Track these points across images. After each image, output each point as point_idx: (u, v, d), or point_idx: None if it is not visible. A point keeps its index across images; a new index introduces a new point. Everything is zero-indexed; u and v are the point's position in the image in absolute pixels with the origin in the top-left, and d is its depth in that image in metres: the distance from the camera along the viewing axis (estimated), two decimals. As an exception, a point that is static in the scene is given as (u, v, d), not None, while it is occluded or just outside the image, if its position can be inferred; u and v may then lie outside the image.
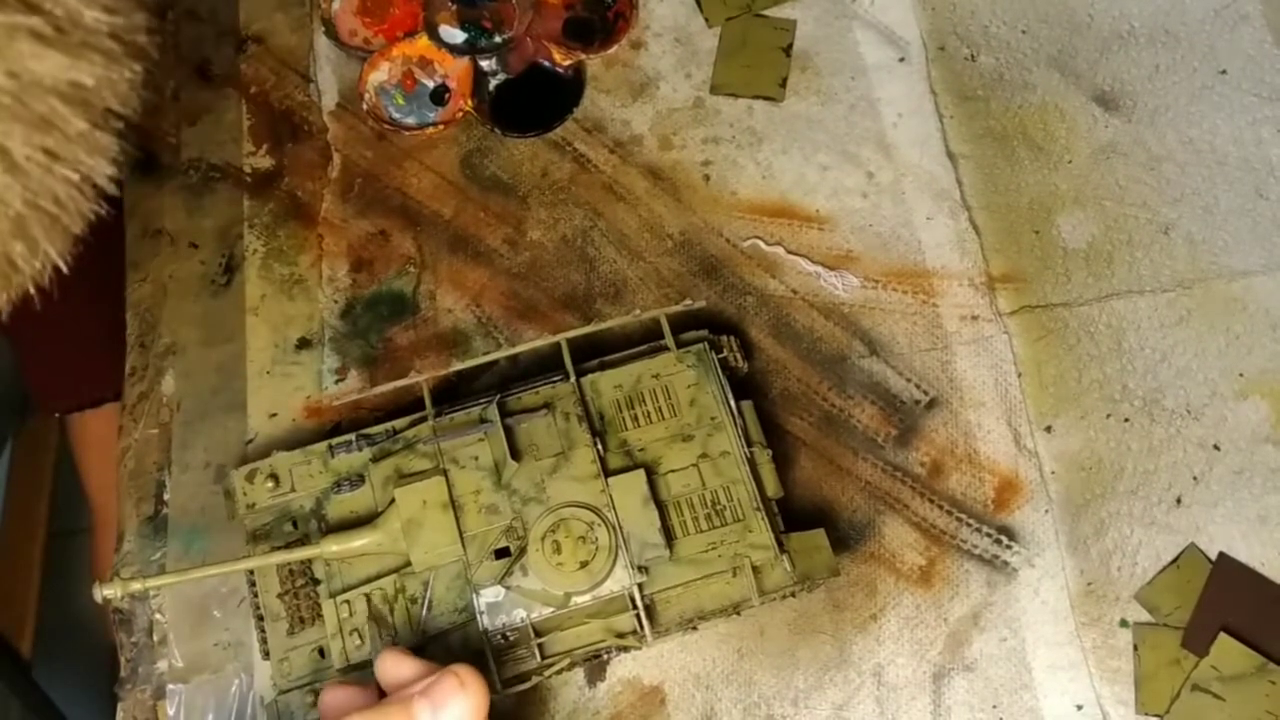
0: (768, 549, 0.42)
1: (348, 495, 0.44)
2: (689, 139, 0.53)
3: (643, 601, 0.42)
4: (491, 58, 0.55)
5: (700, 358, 0.46)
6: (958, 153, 0.53)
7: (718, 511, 0.43)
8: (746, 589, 0.42)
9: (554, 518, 0.42)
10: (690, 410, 0.45)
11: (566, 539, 0.42)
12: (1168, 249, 0.51)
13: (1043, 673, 0.45)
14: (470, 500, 0.43)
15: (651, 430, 0.44)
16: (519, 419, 0.44)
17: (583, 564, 0.41)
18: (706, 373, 0.45)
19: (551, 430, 0.44)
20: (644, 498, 0.42)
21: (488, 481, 0.43)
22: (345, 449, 0.45)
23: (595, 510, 0.42)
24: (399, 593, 0.42)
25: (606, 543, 0.42)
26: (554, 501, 0.42)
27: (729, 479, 0.43)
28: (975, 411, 0.48)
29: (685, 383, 0.45)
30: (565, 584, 0.41)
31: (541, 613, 0.42)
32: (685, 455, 0.44)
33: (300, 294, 0.52)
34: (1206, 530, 0.46)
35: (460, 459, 0.43)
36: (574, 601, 0.41)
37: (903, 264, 0.51)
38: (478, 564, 0.42)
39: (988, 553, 0.46)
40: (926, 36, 0.55)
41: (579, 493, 0.42)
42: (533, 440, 0.44)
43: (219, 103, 0.56)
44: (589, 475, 0.43)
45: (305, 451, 0.45)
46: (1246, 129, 0.52)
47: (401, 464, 0.44)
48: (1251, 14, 0.54)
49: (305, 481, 0.45)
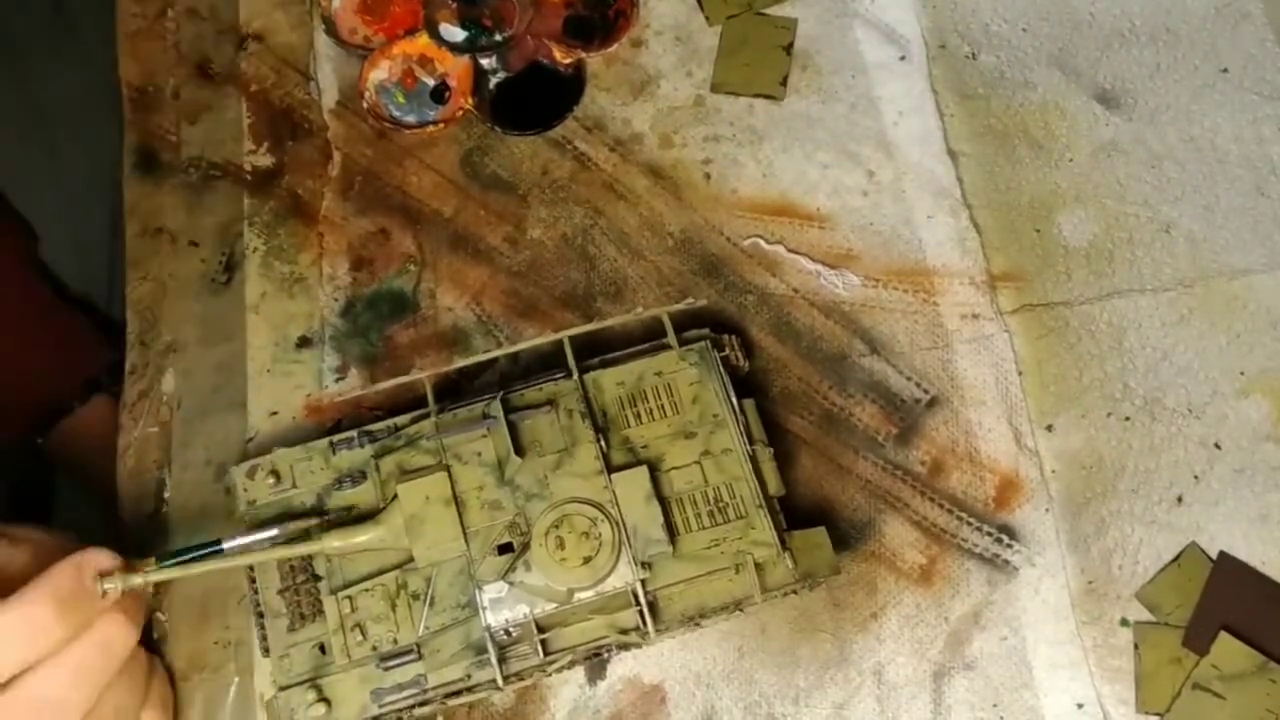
0: (770, 546, 0.42)
1: (350, 491, 0.44)
2: (689, 137, 0.53)
3: (645, 598, 0.42)
4: (492, 56, 0.55)
5: (702, 356, 0.46)
6: (958, 151, 0.52)
7: (720, 508, 0.43)
8: (749, 586, 0.42)
9: (557, 513, 0.42)
10: (693, 408, 0.45)
11: (570, 535, 0.42)
12: (1169, 247, 0.50)
13: (1043, 671, 0.45)
14: (473, 496, 0.43)
15: (654, 427, 0.44)
16: (522, 415, 0.44)
17: (586, 559, 0.41)
18: (709, 371, 0.45)
19: (555, 427, 0.44)
20: (647, 494, 0.42)
21: (491, 477, 0.43)
22: (347, 445, 0.45)
23: (598, 506, 0.42)
24: (401, 588, 0.42)
25: (610, 538, 0.42)
26: (557, 497, 0.42)
27: (731, 476, 0.43)
28: (976, 410, 0.48)
29: (688, 380, 0.45)
30: (568, 580, 0.41)
31: (544, 609, 0.42)
32: (688, 452, 0.44)
33: (301, 292, 0.52)
34: (1207, 529, 0.46)
35: (463, 455, 0.43)
36: (577, 597, 0.41)
37: (903, 262, 0.51)
38: (481, 560, 0.42)
39: (988, 551, 0.46)
40: (927, 35, 0.55)
41: (582, 489, 0.42)
42: (536, 436, 0.44)
43: (219, 101, 0.56)
44: (592, 471, 0.43)
45: (306, 448, 0.45)
46: (1247, 127, 0.52)
47: (404, 460, 0.44)
48: (1253, 12, 0.54)
49: (306, 478, 0.45)
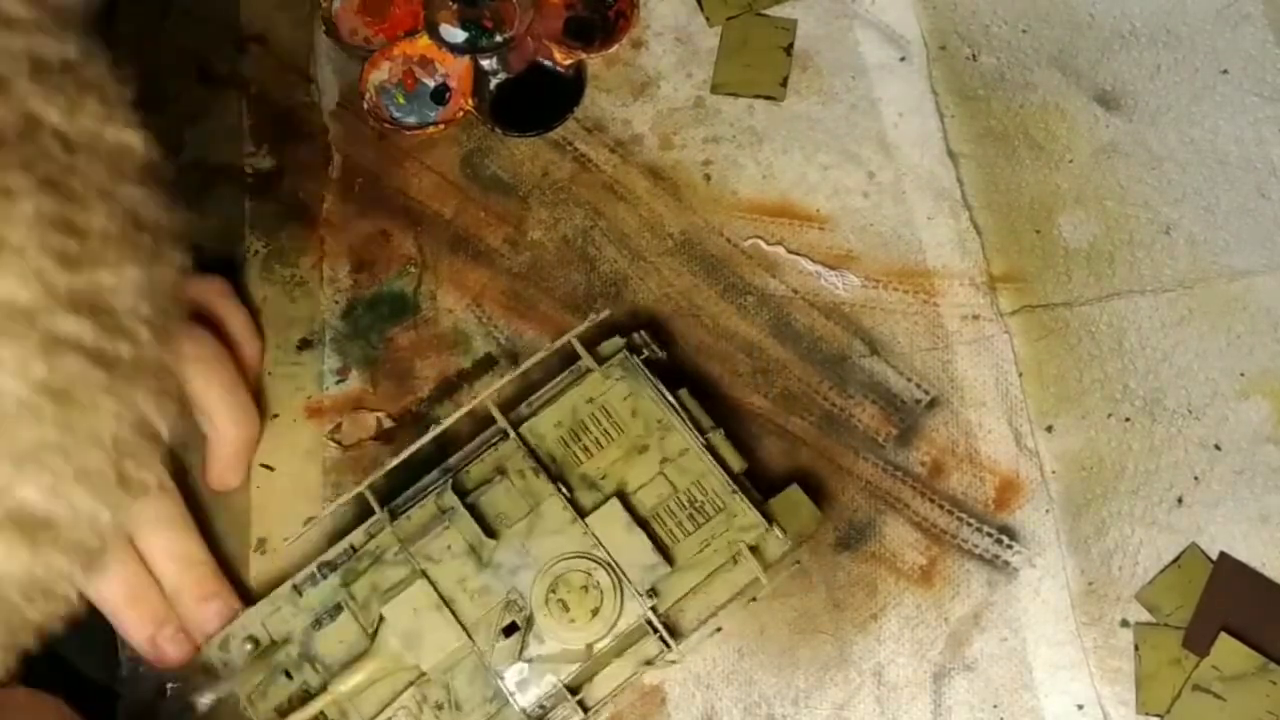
0: (756, 525, 0.42)
1: (331, 628, 0.42)
2: (690, 138, 0.53)
3: (660, 621, 0.41)
4: (492, 57, 0.55)
5: (625, 367, 0.45)
6: (959, 152, 0.52)
7: (698, 509, 0.43)
8: (751, 570, 0.42)
9: (549, 578, 0.41)
10: (635, 421, 0.44)
11: (570, 594, 0.41)
12: (1169, 249, 0.50)
13: (1043, 672, 0.45)
14: (459, 591, 0.41)
15: (606, 454, 0.43)
16: (477, 494, 0.43)
17: (594, 612, 0.40)
18: (636, 379, 0.44)
19: (512, 493, 0.43)
20: (626, 524, 0.42)
21: (470, 566, 0.42)
22: (311, 583, 0.43)
23: (586, 555, 0.41)
24: (422, 704, 0.41)
25: (609, 583, 0.41)
26: (543, 562, 0.41)
27: (696, 474, 0.43)
28: (976, 411, 0.48)
29: (620, 396, 0.44)
30: (583, 637, 0.40)
31: (569, 671, 0.41)
32: (647, 467, 0.43)
33: (301, 295, 0.52)
34: (1207, 530, 0.46)
35: (434, 554, 0.42)
36: (597, 649, 0.41)
37: (903, 263, 0.51)
38: (491, 649, 0.41)
39: (988, 552, 0.46)
40: (927, 36, 0.55)
41: (563, 544, 0.41)
42: (498, 510, 0.42)
43: (219, 103, 0.56)
44: (566, 523, 0.42)
45: (271, 600, 0.43)
46: (1248, 129, 0.52)
47: (376, 580, 0.42)
48: (1253, 14, 0.54)
49: (282, 629, 0.43)
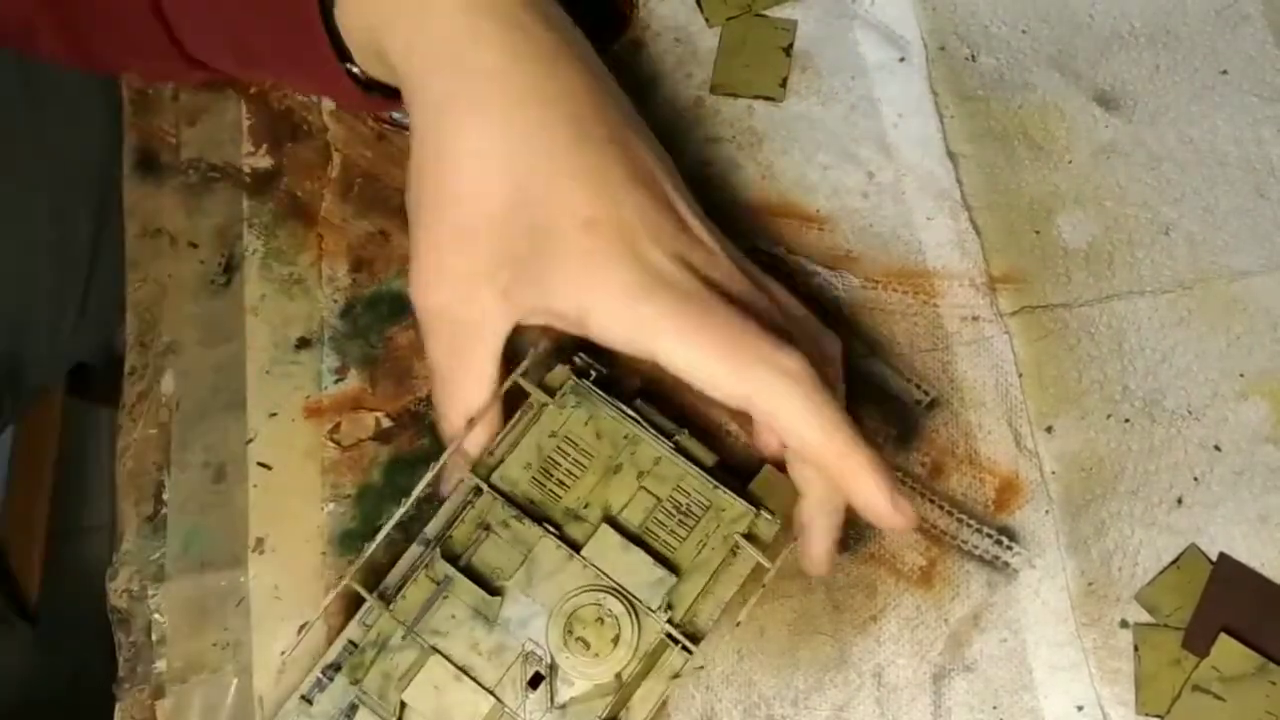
0: (745, 514, 0.42)
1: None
2: (689, 139, 0.53)
3: (679, 632, 0.41)
4: (491, 57, 0.55)
5: (576, 392, 0.44)
6: (958, 152, 0.52)
7: (686, 512, 0.43)
8: (752, 557, 0.42)
9: (562, 618, 0.41)
10: (602, 443, 0.43)
11: (587, 629, 0.40)
12: (1168, 249, 0.50)
13: (1043, 673, 0.45)
14: (474, 656, 0.41)
15: (583, 483, 0.43)
16: (467, 555, 0.42)
17: (615, 640, 0.40)
18: (592, 402, 0.44)
19: (502, 545, 0.42)
20: (622, 546, 0.41)
21: (480, 629, 0.41)
22: (318, 688, 0.42)
23: (592, 588, 0.41)
24: None
25: (621, 608, 0.41)
26: (551, 605, 0.41)
27: (675, 479, 0.43)
28: (975, 412, 0.48)
29: (580, 423, 0.44)
30: (611, 668, 0.40)
31: (604, 704, 0.41)
32: (626, 485, 0.43)
33: (300, 294, 0.52)
34: (1207, 531, 0.46)
35: (440, 627, 0.41)
36: (626, 675, 0.41)
37: (903, 264, 0.51)
38: (521, 704, 0.40)
39: (988, 553, 0.46)
40: (927, 36, 0.55)
41: (566, 583, 0.41)
42: (493, 565, 0.42)
43: (218, 103, 0.56)
44: (563, 561, 0.41)
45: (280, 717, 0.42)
46: (1247, 129, 0.52)
47: (386, 669, 0.41)
48: (1253, 14, 0.54)
49: None
